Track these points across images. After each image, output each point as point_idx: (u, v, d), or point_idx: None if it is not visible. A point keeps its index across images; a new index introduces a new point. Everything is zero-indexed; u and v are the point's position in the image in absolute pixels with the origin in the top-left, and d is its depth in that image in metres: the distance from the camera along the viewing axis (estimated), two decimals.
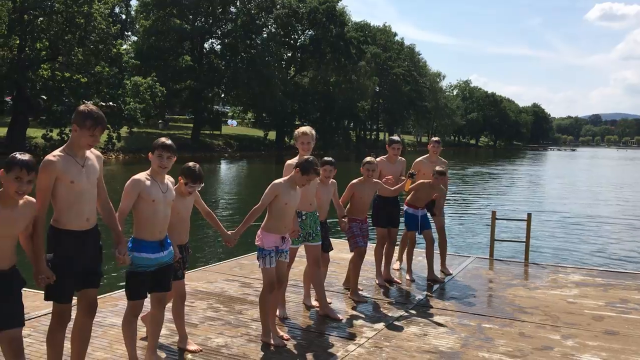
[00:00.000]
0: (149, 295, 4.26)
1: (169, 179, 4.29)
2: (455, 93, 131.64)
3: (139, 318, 4.74)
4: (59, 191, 3.54)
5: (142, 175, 4.12)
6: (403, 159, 7.40)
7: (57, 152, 3.63)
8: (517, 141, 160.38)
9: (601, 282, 7.55)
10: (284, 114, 57.77)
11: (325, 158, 5.97)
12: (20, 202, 3.31)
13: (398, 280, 7.16)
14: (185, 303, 4.81)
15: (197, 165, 4.55)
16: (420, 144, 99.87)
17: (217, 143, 54.40)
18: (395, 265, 7.33)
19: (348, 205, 6.51)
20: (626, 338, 5.41)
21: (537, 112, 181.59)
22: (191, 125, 55.70)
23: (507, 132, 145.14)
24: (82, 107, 3.64)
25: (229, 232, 4.83)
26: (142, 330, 4.67)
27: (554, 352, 5.00)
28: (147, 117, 42.83)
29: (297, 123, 65.97)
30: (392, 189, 6.78)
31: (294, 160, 5.53)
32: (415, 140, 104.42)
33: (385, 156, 7.27)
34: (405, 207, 7.31)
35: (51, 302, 3.66)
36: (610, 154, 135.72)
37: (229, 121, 72.17)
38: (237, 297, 6.32)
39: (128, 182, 4.07)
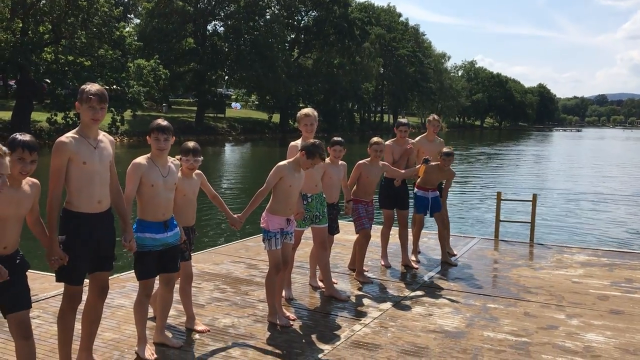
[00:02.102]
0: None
1: (172, 162, 4.29)
2: (460, 74, 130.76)
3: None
4: (71, 173, 3.57)
5: (142, 159, 4.12)
6: (413, 140, 7.34)
7: (69, 133, 3.66)
8: (522, 122, 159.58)
9: (606, 262, 7.56)
10: (287, 96, 57.57)
11: (335, 138, 5.97)
12: (24, 182, 3.33)
13: (415, 266, 7.09)
14: (192, 284, 4.84)
15: (192, 142, 4.61)
16: (424, 125, 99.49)
17: (221, 126, 54.36)
18: (412, 257, 7.25)
19: (354, 187, 6.50)
20: (631, 317, 5.43)
21: (542, 93, 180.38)
22: (195, 108, 55.62)
23: (513, 113, 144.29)
24: (83, 85, 3.69)
25: (235, 215, 4.86)
26: (149, 310, 4.71)
27: (559, 331, 5.03)
28: (150, 101, 42.82)
29: (301, 105, 65.76)
30: (402, 172, 6.77)
31: (297, 142, 5.53)
32: (420, 121, 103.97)
33: (393, 139, 7.23)
34: (415, 190, 7.29)
35: (62, 283, 3.69)
36: (616, 134, 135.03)
37: (233, 104, 71.97)
38: (244, 278, 6.36)
39: (129, 166, 4.08)
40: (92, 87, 3.65)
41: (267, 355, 4.31)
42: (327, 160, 5.76)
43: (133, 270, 4.29)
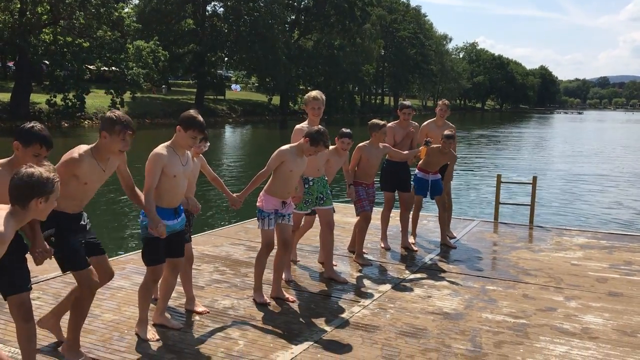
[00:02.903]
0: None
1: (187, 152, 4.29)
2: (461, 56, 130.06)
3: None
4: (70, 185, 3.56)
5: (163, 150, 4.06)
6: (416, 123, 7.30)
7: (83, 151, 3.62)
8: (523, 104, 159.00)
9: (606, 245, 7.58)
10: (288, 78, 57.29)
11: (344, 130, 5.96)
12: None
13: (415, 248, 7.10)
14: (192, 266, 4.85)
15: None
16: (425, 108, 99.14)
17: (221, 108, 54.17)
18: (410, 239, 7.26)
19: (356, 169, 6.49)
20: (629, 299, 5.45)
21: (544, 75, 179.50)
22: (194, 90, 55.41)
23: (514, 95, 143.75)
24: (109, 114, 3.62)
25: (234, 195, 4.87)
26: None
27: (557, 313, 5.05)
28: (150, 82, 42.64)
29: (301, 87, 65.49)
30: (404, 153, 6.76)
31: (303, 125, 5.53)
32: (421, 104, 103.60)
33: (396, 121, 7.19)
34: (416, 171, 7.27)
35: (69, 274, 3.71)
36: (618, 116, 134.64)
37: (233, 86, 71.65)
38: (243, 260, 6.38)
39: (150, 157, 4.02)
40: (121, 117, 3.62)
41: (266, 336, 4.33)
42: (331, 147, 5.75)
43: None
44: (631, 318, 4.96)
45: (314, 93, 5.67)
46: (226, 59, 59.41)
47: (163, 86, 55.93)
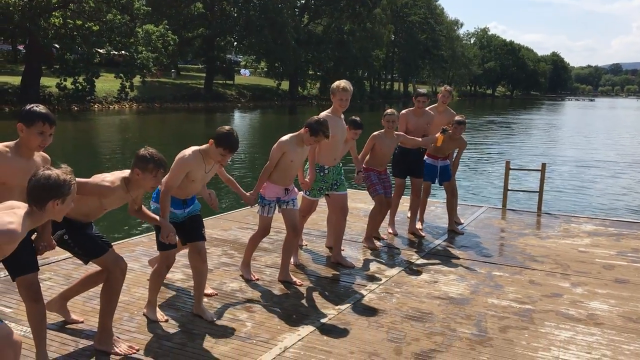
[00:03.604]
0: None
1: None
2: (472, 41, 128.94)
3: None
4: (90, 207, 3.62)
5: (193, 155, 4.09)
6: (432, 112, 7.28)
7: (119, 182, 3.63)
8: (534, 91, 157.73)
9: (613, 232, 7.57)
10: (297, 63, 57.09)
11: (355, 119, 5.98)
12: (36, 154, 3.36)
13: (422, 234, 7.12)
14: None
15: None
16: (435, 94, 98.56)
17: (230, 93, 54.17)
18: (418, 224, 7.29)
19: (367, 157, 6.51)
20: (636, 286, 5.46)
21: (556, 61, 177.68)
22: (204, 74, 55.36)
23: (525, 81, 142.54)
24: (142, 152, 3.64)
25: (247, 194, 5.01)
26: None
27: (563, 299, 5.07)
28: (159, 67, 42.63)
29: (310, 73, 65.28)
30: (419, 140, 6.76)
31: (327, 114, 5.61)
32: (431, 90, 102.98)
33: (411, 108, 7.17)
34: (425, 157, 7.28)
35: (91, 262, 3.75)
36: (630, 104, 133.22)
37: (242, 70, 71.52)
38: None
39: (179, 159, 4.06)
40: (154, 155, 3.63)
41: (273, 318, 4.39)
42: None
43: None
44: (637, 305, 4.97)
45: (343, 84, 5.64)
46: (235, 43, 59.26)
47: (172, 70, 55.94)
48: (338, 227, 5.90)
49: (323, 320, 4.39)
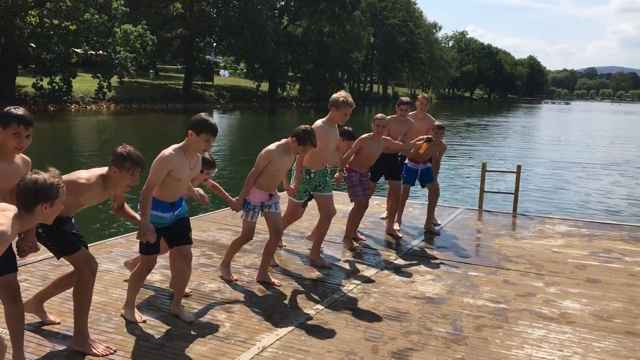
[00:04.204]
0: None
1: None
2: (450, 45, 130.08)
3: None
4: (69, 204, 3.52)
5: (174, 153, 4.05)
6: (411, 119, 7.40)
7: (95, 178, 3.64)
8: (511, 94, 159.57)
9: (586, 233, 7.73)
10: (276, 64, 57.05)
11: (350, 130, 6.16)
12: (17, 157, 3.34)
13: (399, 235, 7.20)
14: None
15: (208, 153, 4.64)
16: (414, 96, 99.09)
17: (209, 94, 53.93)
18: (395, 225, 7.39)
19: (352, 158, 6.57)
20: (607, 286, 5.59)
21: (532, 65, 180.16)
22: (182, 75, 55.04)
23: (502, 85, 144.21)
24: (120, 149, 3.63)
25: (233, 199, 5.08)
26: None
27: (536, 298, 5.17)
28: (138, 67, 42.30)
29: (290, 74, 65.25)
30: (403, 145, 6.88)
31: (321, 124, 5.67)
32: (410, 92, 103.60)
33: (393, 115, 7.30)
34: (406, 161, 7.41)
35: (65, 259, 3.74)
36: (604, 107, 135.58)
37: (221, 71, 71.27)
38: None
39: (159, 158, 4.02)
40: (132, 153, 3.64)
41: (251, 319, 4.41)
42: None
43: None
44: (608, 304, 5.10)
45: (349, 99, 5.67)
46: (215, 44, 59.00)
47: (151, 71, 55.50)
48: (321, 227, 5.92)
49: (301, 320, 4.43)
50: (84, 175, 3.63)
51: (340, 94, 5.72)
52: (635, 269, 6.15)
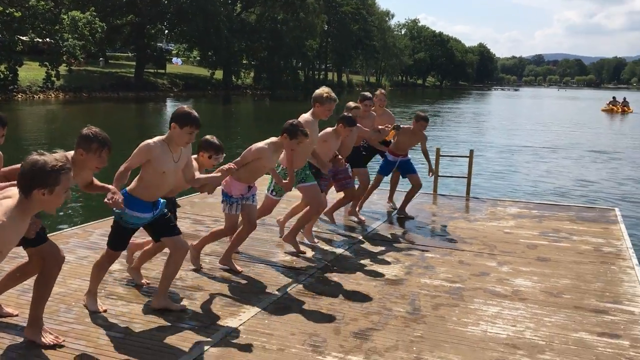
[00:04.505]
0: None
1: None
2: (403, 32, 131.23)
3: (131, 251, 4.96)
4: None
5: (155, 143, 3.97)
6: (374, 113, 7.52)
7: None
8: (463, 81, 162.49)
9: (536, 214, 8.02)
10: (230, 52, 56.44)
11: (350, 116, 6.24)
12: None
13: (362, 218, 7.35)
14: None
15: (215, 137, 4.60)
16: (368, 84, 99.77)
17: (162, 82, 52.99)
18: (357, 210, 7.51)
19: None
20: (556, 264, 5.84)
21: (482, 52, 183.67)
22: (134, 63, 53.84)
23: (454, 72, 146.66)
24: (85, 131, 3.55)
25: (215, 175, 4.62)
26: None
27: (490, 277, 5.37)
28: (87, 55, 41.17)
29: (244, 62, 64.63)
30: (371, 133, 7.03)
31: (306, 117, 5.67)
32: (364, 80, 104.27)
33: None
34: (386, 153, 7.65)
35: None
36: (551, 93, 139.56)
37: (174, 59, 70.02)
38: (190, 233, 6.41)
39: (140, 145, 3.94)
40: (98, 134, 3.58)
41: (215, 305, 4.44)
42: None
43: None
44: (557, 281, 5.33)
45: (333, 95, 5.72)
46: (166, 31, 57.92)
47: (100, 59, 54.10)
48: (303, 217, 5.93)
49: (264, 305, 4.48)
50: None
51: (324, 90, 5.76)
52: (583, 248, 6.44)
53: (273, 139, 5.20)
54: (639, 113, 49.61)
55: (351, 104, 6.73)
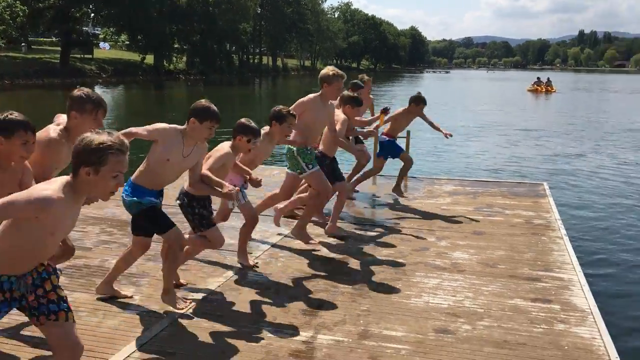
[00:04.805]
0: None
1: (199, 144, 3.99)
2: (337, 15, 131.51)
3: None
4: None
5: (172, 128, 3.86)
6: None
7: (55, 133, 3.43)
8: (395, 64, 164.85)
9: (470, 191, 8.35)
10: (161, 35, 54.98)
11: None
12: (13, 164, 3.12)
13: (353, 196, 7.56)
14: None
15: (250, 120, 4.47)
16: (304, 67, 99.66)
17: (90, 68, 51.01)
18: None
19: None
20: (491, 237, 6.13)
21: (414, 35, 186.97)
22: (58, 48, 51.62)
23: (387, 55, 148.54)
24: (77, 92, 3.42)
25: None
26: None
27: (430, 251, 5.59)
28: (7, 40, 39.15)
29: (176, 46, 63.13)
30: (364, 126, 7.14)
31: (310, 97, 5.57)
32: (299, 64, 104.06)
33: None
34: (382, 136, 7.87)
35: None
36: (480, 74, 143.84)
37: (101, 44, 67.44)
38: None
39: (158, 124, 3.87)
40: (91, 95, 3.49)
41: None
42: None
43: None
44: (493, 253, 5.61)
45: (340, 71, 5.60)
46: (92, 14, 55.76)
47: (22, 44, 51.50)
48: (314, 202, 5.74)
49: (212, 288, 4.51)
50: (50, 130, 3.42)
51: (329, 69, 5.64)
52: (515, 221, 6.78)
53: (265, 128, 5.05)
54: (562, 93, 52.01)
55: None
